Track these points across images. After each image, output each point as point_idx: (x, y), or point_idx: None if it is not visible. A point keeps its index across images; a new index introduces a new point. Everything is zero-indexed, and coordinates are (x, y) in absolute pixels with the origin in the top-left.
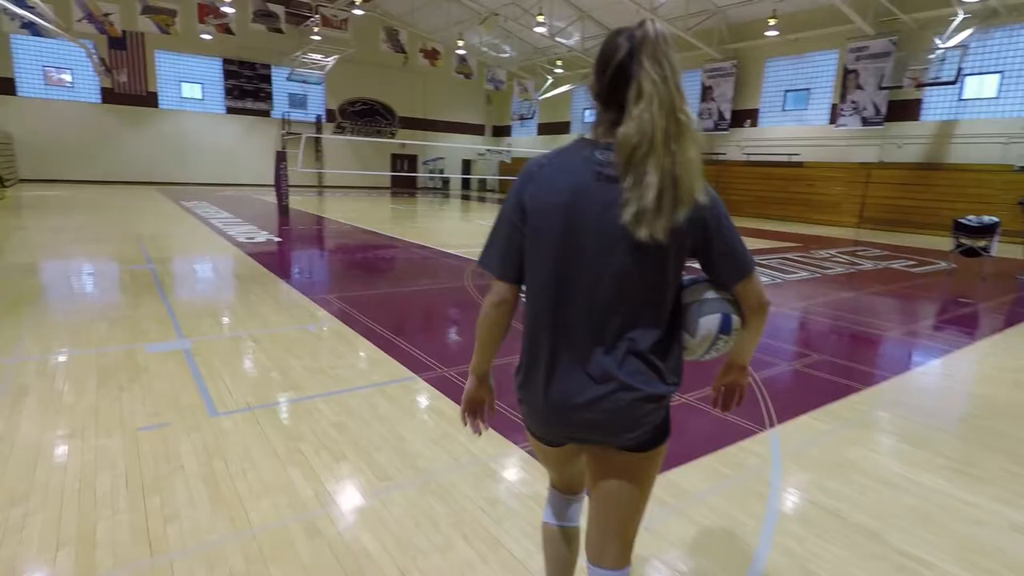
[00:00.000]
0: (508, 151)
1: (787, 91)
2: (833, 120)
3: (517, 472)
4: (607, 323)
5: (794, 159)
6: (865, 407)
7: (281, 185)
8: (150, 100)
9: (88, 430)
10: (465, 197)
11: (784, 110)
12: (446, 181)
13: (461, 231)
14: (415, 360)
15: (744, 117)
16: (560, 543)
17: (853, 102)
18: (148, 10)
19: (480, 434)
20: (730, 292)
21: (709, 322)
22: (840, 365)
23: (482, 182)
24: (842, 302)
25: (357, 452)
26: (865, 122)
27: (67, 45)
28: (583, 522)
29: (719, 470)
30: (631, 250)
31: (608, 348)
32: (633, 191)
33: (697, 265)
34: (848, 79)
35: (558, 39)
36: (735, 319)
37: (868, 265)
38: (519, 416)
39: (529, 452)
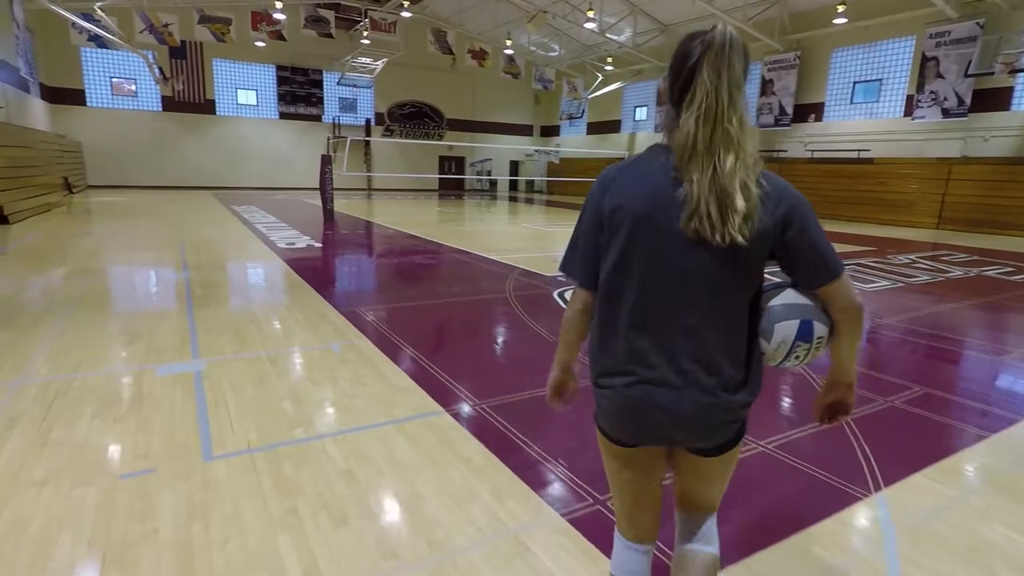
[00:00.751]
0: (556, 151)
1: (856, 83)
2: (908, 112)
3: (555, 549)
4: (685, 328)
5: (864, 155)
6: (995, 462)
7: (326, 189)
8: (208, 107)
9: (65, 476)
10: (513, 199)
11: (852, 103)
12: (493, 183)
13: (505, 235)
14: (444, 389)
15: (808, 111)
16: None
17: (932, 92)
18: (204, 19)
19: (565, 408)
20: (815, 296)
21: (785, 328)
22: (952, 402)
23: (530, 183)
24: (937, 318)
25: (362, 515)
26: (946, 114)
27: (131, 56)
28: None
29: (815, 555)
30: (705, 255)
31: (686, 353)
32: (688, 196)
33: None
34: (927, 68)
35: (608, 35)
36: (818, 326)
37: (958, 272)
38: (554, 469)
39: (569, 520)
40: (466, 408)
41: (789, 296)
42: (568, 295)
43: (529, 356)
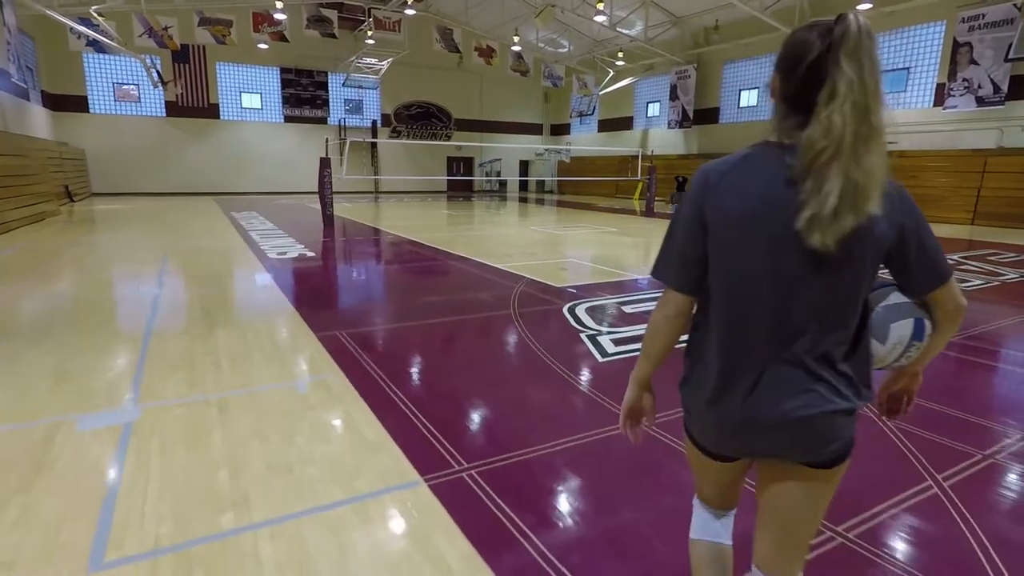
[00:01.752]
0: (567, 149)
1: (881, 72)
2: (939, 102)
3: None
4: (800, 335)
5: (891, 148)
6: None
7: (325, 193)
8: (212, 111)
9: None
10: (523, 199)
11: None
12: (503, 183)
13: (513, 240)
14: (425, 444)
15: None
16: (715, 562)
17: (965, 80)
18: (204, 21)
19: (638, 440)
20: (920, 297)
21: (902, 328)
22: None
23: (540, 183)
24: (1008, 334)
25: None
26: (981, 102)
27: (133, 61)
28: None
29: None
30: (823, 258)
31: (801, 361)
32: (812, 196)
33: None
34: (959, 54)
35: (619, 29)
36: (928, 324)
37: (1012, 275)
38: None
39: None
40: (449, 476)
41: (897, 295)
42: (582, 309)
43: (534, 398)
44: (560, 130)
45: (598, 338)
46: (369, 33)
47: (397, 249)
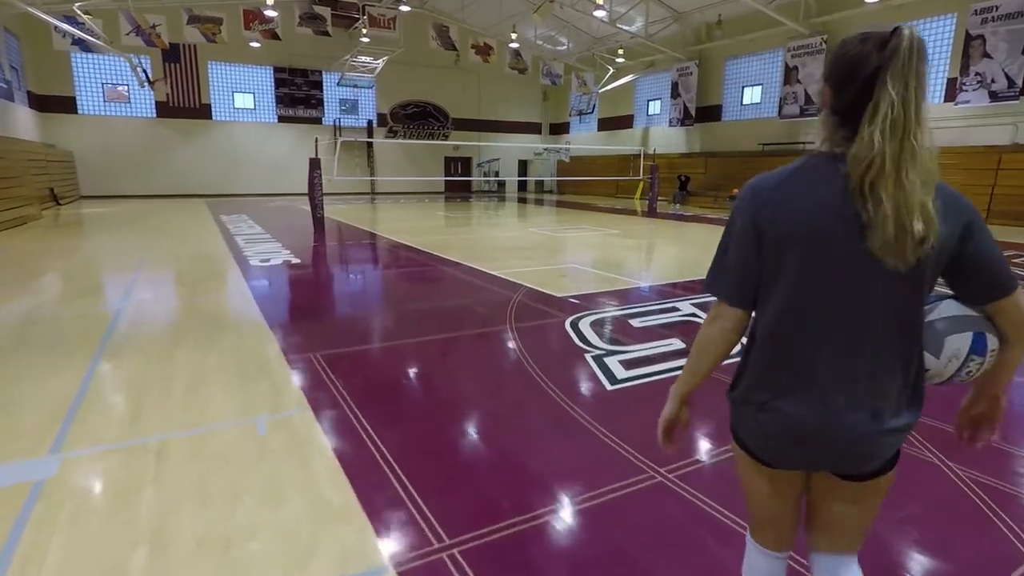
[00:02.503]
0: (567, 148)
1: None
2: (951, 97)
3: None
4: (859, 348)
5: None
6: None
7: (315, 195)
8: (203, 112)
9: None
10: (522, 200)
11: None
12: (501, 183)
13: (511, 243)
14: (399, 511)
15: None
16: None
17: (978, 74)
18: (194, 19)
19: (671, 451)
20: (981, 309)
21: (958, 341)
22: None
23: (539, 183)
24: None
25: None
26: (994, 97)
27: (123, 61)
28: None
29: None
30: (882, 273)
31: (859, 375)
32: (873, 216)
33: None
34: (971, 47)
35: (619, 25)
36: (991, 338)
37: None
38: None
39: None
40: (429, 555)
41: (953, 307)
42: (585, 324)
43: (534, 443)
44: (559, 129)
45: (605, 360)
46: (364, 31)
47: (388, 255)
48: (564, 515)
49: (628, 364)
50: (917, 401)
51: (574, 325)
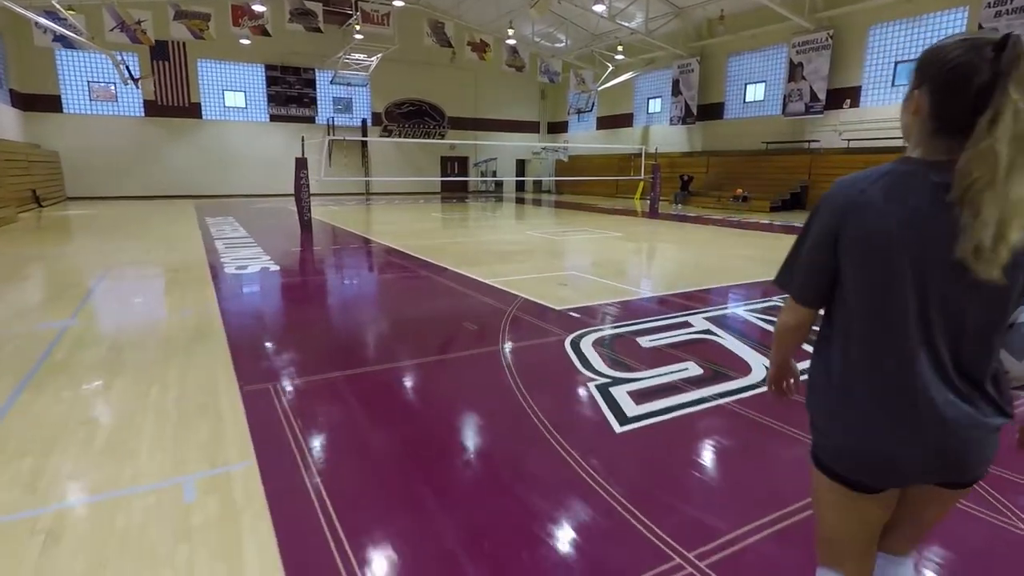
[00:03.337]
0: (565, 147)
1: (898, 63)
2: None
3: None
4: (948, 355)
5: (905, 143)
6: None
7: (302, 197)
8: (193, 111)
9: None
10: (519, 200)
11: (894, 86)
12: (499, 183)
13: (509, 248)
14: None
15: (842, 97)
16: None
17: None
18: (180, 15)
19: (791, 396)
20: None
21: None
22: None
23: (537, 183)
24: None
25: None
26: None
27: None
28: None
29: None
30: (972, 281)
31: (951, 380)
32: (971, 224)
33: None
34: None
35: (619, 21)
36: None
37: None
38: None
39: None
40: None
41: None
42: (587, 343)
43: (530, 517)
44: (557, 128)
45: (612, 391)
46: (357, 27)
47: (375, 262)
48: None
49: (638, 396)
50: (1008, 403)
51: (575, 345)
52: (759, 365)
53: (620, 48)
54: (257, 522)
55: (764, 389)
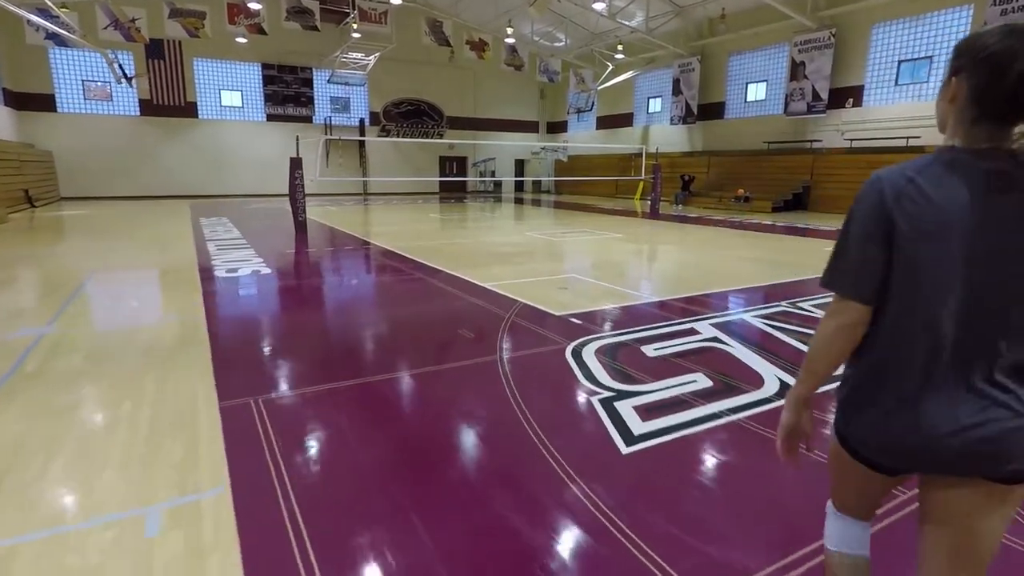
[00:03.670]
0: (565, 146)
1: (901, 61)
2: None
3: None
4: (990, 348)
5: (913, 143)
6: None
7: (297, 198)
8: (189, 110)
9: None
10: (519, 200)
11: (897, 84)
12: (498, 184)
13: (507, 250)
14: None
15: (845, 96)
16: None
17: None
18: (175, 13)
19: (798, 466)
20: None
21: None
22: None
23: (537, 183)
24: None
25: None
26: None
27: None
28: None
29: None
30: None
31: (992, 372)
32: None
33: None
34: None
35: (619, 20)
36: None
37: None
38: None
39: None
40: None
41: None
42: (590, 352)
43: (525, 555)
44: (557, 128)
45: (617, 405)
46: (354, 26)
47: (370, 264)
48: None
49: (645, 411)
50: None
51: (577, 354)
52: (771, 376)
53: (620, 47)
54: (225, 564)
55: (780, 403)
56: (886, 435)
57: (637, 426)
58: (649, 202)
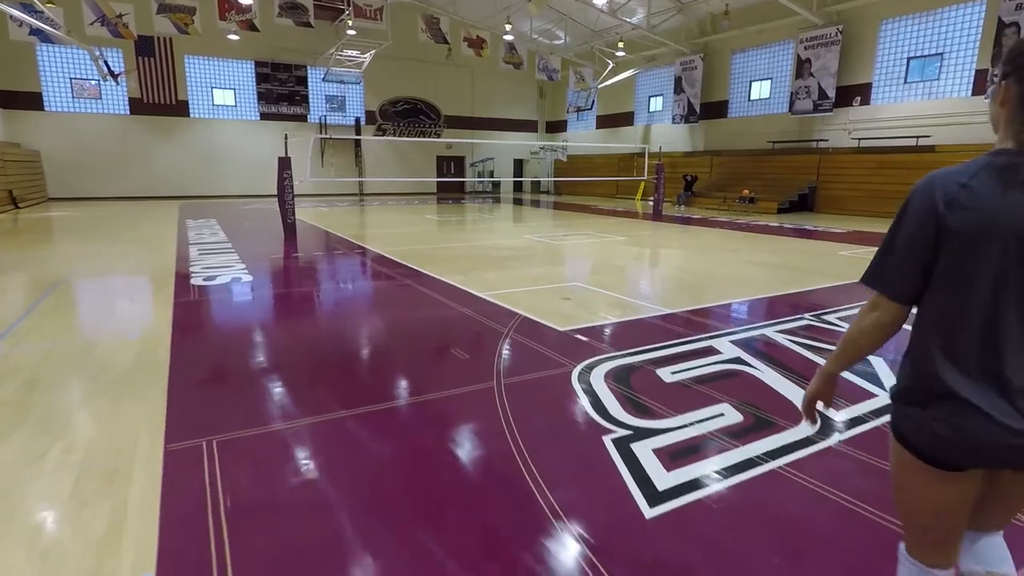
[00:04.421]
0: (564, 146)
1: (910, 59)
2: (980, 90)
3: None
4: None
5: (923, 142)
6: None
7: (286, 199)
8: (180, 108)
9: None
10: (517, 201)
11: (906, 82)
12: (496, 184)
13: (506, 255)
14: None
15: (852, 94)
16: None
17: None
18: (164, 8)
19: (816, 424)
20: None
21: None
22: None
23: (536, 183)
24: None
25: None
26: None
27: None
28: None
29: None
30: None
31: None
32: None
33: None
34: (1003, 35)
35: (620, 17)
36: None
37: None
38: None
39: None
40: None
41: None
42: (599, 377)
43: None
44: (556, 127)
45: (634, 448)
46: (349, 23)
47: (360, 271)
48: None
49: (668, 457)
50: None
51: (584, 379)
52: None
53: (621, 44)
54: None
55: (826, 445)
56: (944, 431)
57: (661, 478)
58: (651, 203)
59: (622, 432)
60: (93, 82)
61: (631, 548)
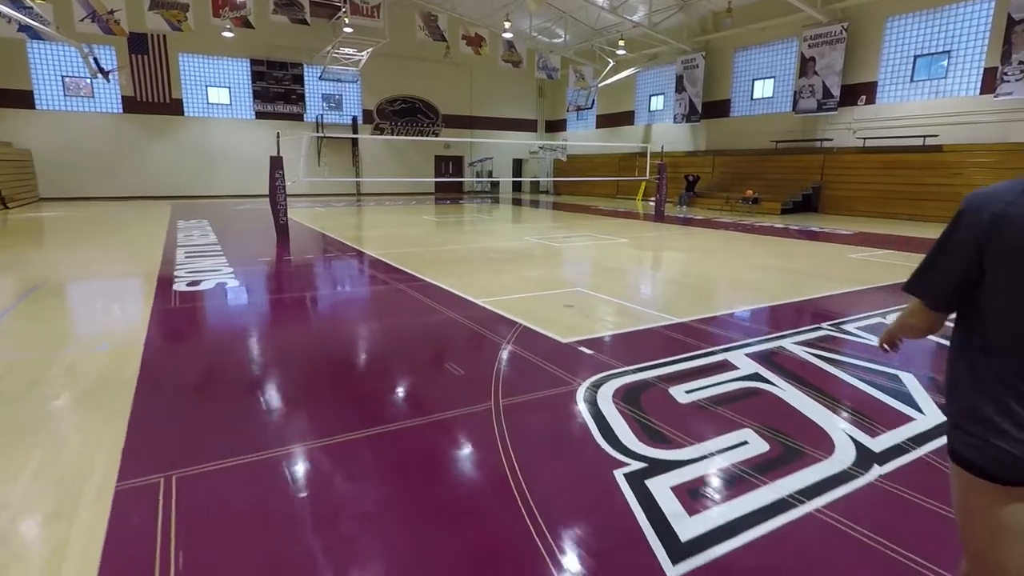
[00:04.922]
0: (564, 145)
1: (917, 56)
2: (988, 89)
3: None
4: None
5: (930, 142)
6: None
7: (278, 200)
8: (174, 107)
9: None
10: (516, 201)
11: (912, 81)
12: (495, 184)
13: (504, 258)
14: None
15: (857, 93)
16: None
17: (1021, 63)
18: (156, 4)
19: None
20: None
21: None
22: None
23: (535, 183)
24: None
25: None
26: None
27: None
28: None
29: None
30: None
31: None
32: None
33: None
34: (1013, 33)
35: (621, 14)
36: None
37: None
38: None
39: None
40: None
41: None
42: (606, 396)
43: None
44: (556, 126)
45: (650, 485)
46: (346, 20)
47: (351, 275)
48: None
49: (689, 497)
50: None
51: (591, 400)
52: (840, 435)
53: (621, 43)
54: None
55: (868, 480)
56: (1003, 446)
57: (683, 525)
58: (653, 203)
59: (636, 465)
60: (86, 80)
61: None
